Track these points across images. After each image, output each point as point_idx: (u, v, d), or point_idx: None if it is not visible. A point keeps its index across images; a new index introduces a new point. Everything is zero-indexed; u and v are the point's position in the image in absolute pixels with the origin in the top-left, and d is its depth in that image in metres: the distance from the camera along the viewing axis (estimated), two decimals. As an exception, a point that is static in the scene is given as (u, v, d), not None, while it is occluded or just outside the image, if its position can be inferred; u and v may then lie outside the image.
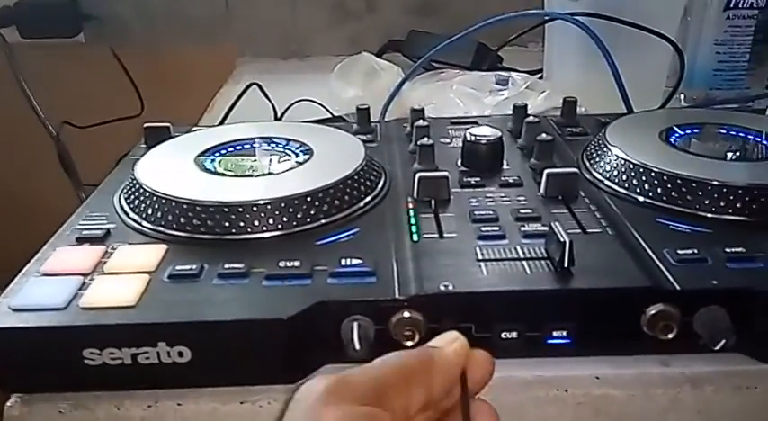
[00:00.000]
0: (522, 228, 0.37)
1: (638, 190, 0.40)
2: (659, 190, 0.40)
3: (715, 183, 0.38)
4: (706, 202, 0.38)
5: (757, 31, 0.67)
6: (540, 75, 0.77)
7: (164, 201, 0.39)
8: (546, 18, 0.68)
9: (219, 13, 0.96)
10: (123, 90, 0.93)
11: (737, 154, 0.45)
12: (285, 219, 0.38)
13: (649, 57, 0.65)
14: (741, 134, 0.47)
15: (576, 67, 0.68)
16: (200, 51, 0.97)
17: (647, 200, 0.40)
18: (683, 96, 0.69)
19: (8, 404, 0.32)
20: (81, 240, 0.38)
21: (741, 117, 0.50)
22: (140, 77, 0.95)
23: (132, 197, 0.41)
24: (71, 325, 0.31)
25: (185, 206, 0.38)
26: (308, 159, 0.44)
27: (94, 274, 0.34)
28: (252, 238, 0.37)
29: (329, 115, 0.68)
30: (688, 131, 0.47)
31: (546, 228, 0.36)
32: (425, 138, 0.45)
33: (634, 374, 0.32)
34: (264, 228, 0.37)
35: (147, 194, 0.40)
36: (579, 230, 0.37)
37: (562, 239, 0.32)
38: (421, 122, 0.49)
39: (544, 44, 0.74)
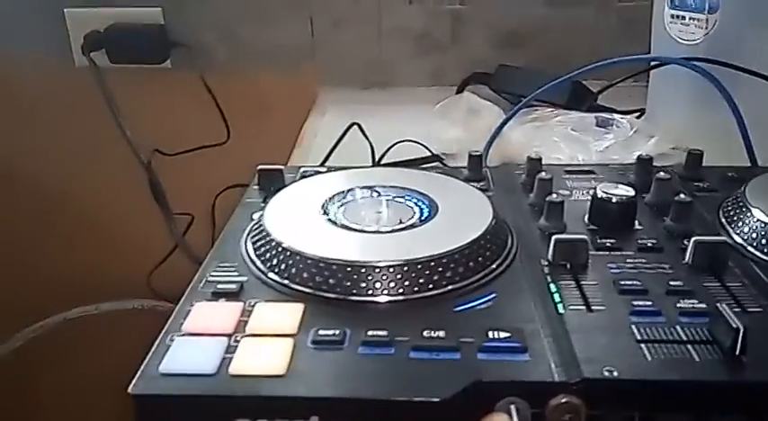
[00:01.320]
0: (678, 305, 0.35)
1: (791, 260, 0.38)
2: (817, 263, 0.37)
3: None
4: None
5: None
6: (638, 114, 0.75)
7: (297, 257, 0.38)
8: (656, 63, 0.66)
9: (304, 41, 0.97)
10: (209, 117, 0.94)
11: None
12: (422, 282, 0.37)
13: None
14: None
15: (685, 109, 0.66)
16: (284, 78, 0.98)
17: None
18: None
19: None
20: (217, 295, 0.37)
21: None
22: (225, 104, 0.96)
23: (262, 249, 0.40)
24: (223, 395, 0.30)
25: (321, 264, 0.37)
26: (435, 215, 0.43)
27: (238, 335, 0.34)
28: (388, 300, 0.36)
29: (426, 153, 0.67)
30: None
31: (704, 306, 0.34)
32: (553, 195, 0.44)
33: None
34: (401, 291, 0.36)
35: (280, 249, 0.39)
36: (738, 308, 0.35)
37: (735, 325, 0.30)
38: (543, 175, 0.47)
39: (647, 82, 0.72)
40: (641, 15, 0.74)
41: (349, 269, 0.37)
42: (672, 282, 0.37)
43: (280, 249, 0.39)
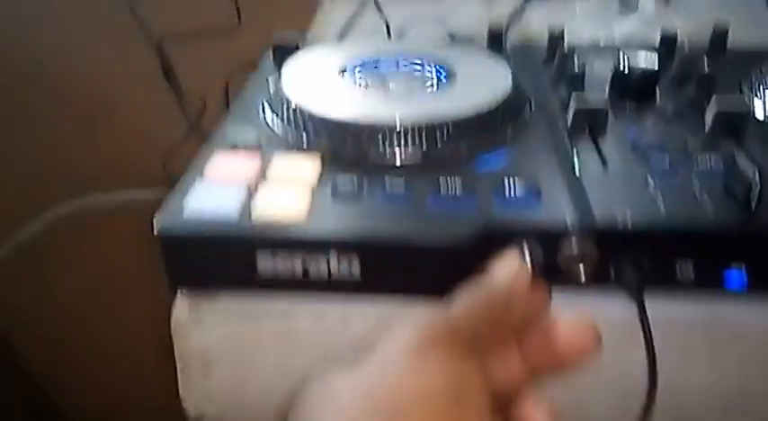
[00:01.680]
0: (695, 162, 0.35)
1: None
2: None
3: None
4: None
5: None
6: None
7: (316, 119, 0.38)
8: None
9: None
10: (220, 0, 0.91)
11: None
12: (440, 143, 0.37)
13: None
14: None
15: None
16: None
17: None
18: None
19: (176, 307, 0.33)
20: (236, 148, 0.38)
21: None
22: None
23: (280, 112, 0.40)
24: (247, 235, 0.31)
25: (341, 126, 0.37)
26: (454, 80, 0.42)
27: (258, 182, 0.34)
28: (405, 161, 0.37)
29: (446, 34, 0.65)
30: None
31: (720, 164, 0.34)
32: (574, 67, 0.43)
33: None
34: (419, 152, 0.37)
35: (298, 111, 0.39)
36: (756, 166, 0.35)
37: (750, 178, 0.31)
38: (566, 48, 0.46)
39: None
40: None
41: (368, 130, 0.37)
42: (690, 145, 0.37)
43: (297, 110, 0.39)
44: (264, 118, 0.41)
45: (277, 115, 0.40)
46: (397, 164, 0.36)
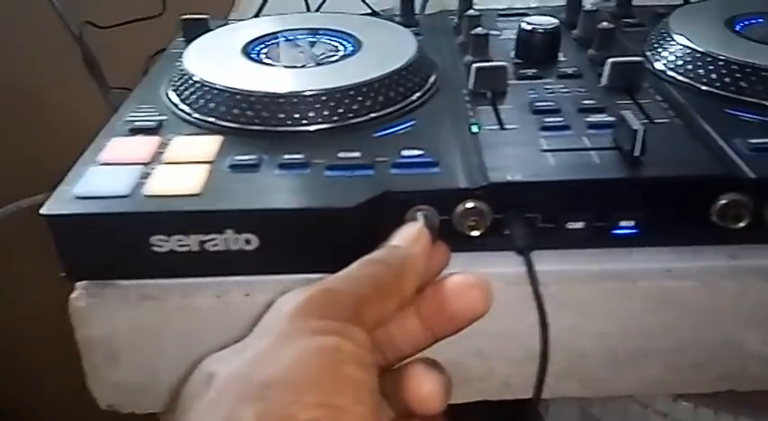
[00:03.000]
0: (587, 119, 0.35)
1: (705, 80, 0.39)
2: (728, 79, 0.38)
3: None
4: (777, 92, 0.37)
5: None
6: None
7: (216, 92, 0.38)
8: None
9: None
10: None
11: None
12: (341, 111, 0.37)
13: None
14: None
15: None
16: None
17: (716, 90, 0.38)
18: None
19: (73, 295, 0.33)
20: (134, 131, 0.37)
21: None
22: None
23: (182, 89, 0.40)
24: (139, 211, 0.31)
25: (239, 97, 0.37)
26: (358, 51, 0.42)
27: (154, 164, 0.34)
28: (308, 130, 0.36)
29: (366, 9, 0.65)
30: (753, 21, 0.45)
31: (612, 119, 0.35)
32: (478, 28, 0.44)
33: (701, 266, 0.32)
34: (320, 120, 0.37)
35: (199, 86, 0.39)
36: (647, 120, 0.36)
37: (634, 127, 0.31)
38: (471, 12, 0.47)
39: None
40: None
41: (267, 100, 0.37)
42: (585, 102, 0.37)
43: (198, 85, 0.39)
44: (168, 98, 0.40)
45: (178, 94, 0.40)
46: (299, 133, 0.36)
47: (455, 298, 0.27)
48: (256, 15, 0.61)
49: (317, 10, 0.61)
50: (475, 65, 0.39)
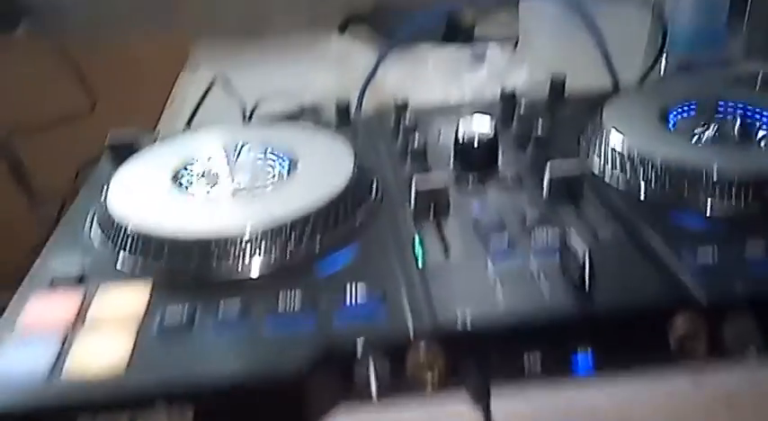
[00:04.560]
0: (533, 239, 0.34)
1: (643, 186, 0.39)
2: (666, 184, 0.38)
3: (720, 173, 0.37)
4: (716, 195, 0.37)
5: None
6: (515, 41, 0.74)
7: (144, 237, 0.35)
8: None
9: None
10: (71, 87, 0.87)
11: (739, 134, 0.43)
12: (279, 250, 0.35)
13: (628, 21, 0.63)
14: (740, 110, 0.45)
15: (553, 36, 0.65)
16: (152, 38, 0.91)
17: (656, 194, 0.38)
18: (664, 62, 0.67)
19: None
20: (56, 282, 0.34)
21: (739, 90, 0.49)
22: (89, 70, 0.88)
23: (106, 229, 0.37)
24: (56, 405, 0.28)
25: (169, 243, 0.35)
26: (294, 171, 0.41)
27: (76, 328, 0.31)
28: (245, 275, 0.34)
29: (301, 105, 0.64)
30: (685, 110, 0.46)
31: (557, 241, 0.34)
32: (415, 142, 0.43)
33: (665, 393, 0.31)
34: (257, 263, 0.35)
35: (125, 228, 0.36)
36: (592, 237, 0.35)
37: (580, 259, 0.30)
38: (407, 123, 0.46)
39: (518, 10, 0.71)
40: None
41: (199, 246, 0.35)
42: (528, 216, 0.36)
43: (125, 228, 0.36)
44: (91, 238, 0.38)
45: (105, 234, 0.37)
46: (235, 280, 0.34)
47: None
48: (188, 123, 0.60)
49: (250, 117, 0.60)
50: (415, 187, 0.38)
